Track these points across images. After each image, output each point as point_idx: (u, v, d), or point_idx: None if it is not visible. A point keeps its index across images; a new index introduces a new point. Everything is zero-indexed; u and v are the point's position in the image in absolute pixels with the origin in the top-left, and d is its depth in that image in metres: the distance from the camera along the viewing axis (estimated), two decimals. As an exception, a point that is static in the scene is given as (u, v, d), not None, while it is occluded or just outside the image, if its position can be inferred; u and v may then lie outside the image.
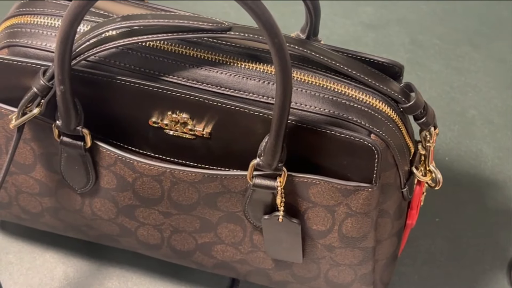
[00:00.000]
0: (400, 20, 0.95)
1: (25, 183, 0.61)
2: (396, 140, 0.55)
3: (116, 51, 0.55)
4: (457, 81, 0.88)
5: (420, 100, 0.56)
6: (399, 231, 0.61)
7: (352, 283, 0.61)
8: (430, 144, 0.57)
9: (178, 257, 0.63)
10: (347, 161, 0.54)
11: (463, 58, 0.91)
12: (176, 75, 0.55)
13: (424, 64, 0.90)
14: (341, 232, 0.57)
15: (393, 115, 0.55)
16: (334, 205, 0.55)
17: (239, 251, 0.61)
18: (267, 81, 0.54)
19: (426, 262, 0.71)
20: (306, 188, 0.55)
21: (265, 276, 0.63)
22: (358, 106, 0.54)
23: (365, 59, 0.57)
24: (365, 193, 0.54)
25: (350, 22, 0.95)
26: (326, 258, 0.59)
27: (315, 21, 0.59)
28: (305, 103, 0.54)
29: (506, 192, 0.77)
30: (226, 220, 0.59)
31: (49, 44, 0.56)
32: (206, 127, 0.55)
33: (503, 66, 0.90)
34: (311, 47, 0.54)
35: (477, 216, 0.75)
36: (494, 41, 0.93)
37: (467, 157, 0.80)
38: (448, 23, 0.96)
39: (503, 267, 0.71)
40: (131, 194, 0.59)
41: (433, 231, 0.73)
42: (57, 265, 0.68)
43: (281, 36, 0.47)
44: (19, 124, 0.55)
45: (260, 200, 0.56)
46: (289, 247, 0.58)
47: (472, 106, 0.86)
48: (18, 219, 0.66)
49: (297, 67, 0.55)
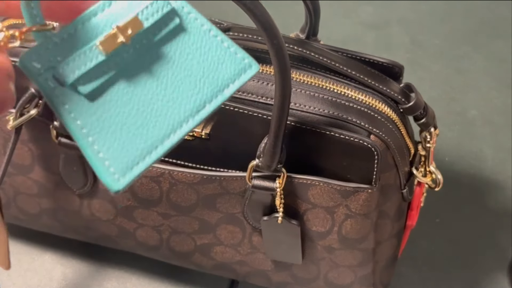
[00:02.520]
0: (400, 20, 0.95)
1: (23, 184, 0.61)
2: (396, 141, 0.55)
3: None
4: (457, 81, 0.88)
5: (420, 101, 0.56)
6: (399, 232, 0.61)
7: (352, 284, 0.61)
8: (430, 145, 0.57)
9: (177, 258, 0.63)
10: (346, 162, 0.54)
11: (463, 58, 0.91)
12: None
13: (424, 64, 0.90)
14: (341, 233, 0.57)
15: (393, 115, 0.55)
16: (333, 206, 0.55)
17: (238, 252, 0.61)
18: (266, 81, 0.54)
19: (426, 263, 0.71)
20: (305, 189, 0.55)
21: (264, 277, 0.63)
22: (357, 106, 0.54)
23: (364, 60, 0.57)
24: (365, 194, 0.54)
25: (350, 22, 0.95)
26: (325, 259, 0.59)
27: (314, 21, 0.59)
28: (304, 104, 0.54)
29: (507, 193, 0.77)
30: (225, 221, 0.58)
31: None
32: (204, 128, 0.55)
33: (504, 66, 0.90)
34: (310, 48, 0.54)
35: (477, 217, 0.75)
36: (494, 41, 0.93)
37: (467, 158, 0.80)
38: (449, 23, 0.96)
39: (503, 268, 0.70)
40: (129, 195, 0.58)
41: (433, 232, 0.73)
42: (55, 266, 0.68)
43: (280, 37, 0.46)
44: (17, 125, 0.55)
45: (259, 201, 0.55)
46: (289, 248, 0.58)
47: (472, 106, 0.86)
48: (16, 220, 0.66)
49: (296, 68, 0.55)
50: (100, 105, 0.33)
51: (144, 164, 0.33)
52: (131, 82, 0.34)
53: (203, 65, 0.35)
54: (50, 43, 0.32)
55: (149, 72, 0.34)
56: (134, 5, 0.34)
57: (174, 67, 0.35)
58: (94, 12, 0.33)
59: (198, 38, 0.35)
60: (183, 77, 0.35)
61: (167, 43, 0.35)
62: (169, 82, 0.34)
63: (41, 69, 0.32)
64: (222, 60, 0.35)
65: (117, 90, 0.34)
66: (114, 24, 0.33)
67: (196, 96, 0.35)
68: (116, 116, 0.33)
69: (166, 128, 0.34)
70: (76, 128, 0.33)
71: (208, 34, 0.35)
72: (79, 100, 0.33)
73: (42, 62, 0.32)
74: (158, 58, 0.34)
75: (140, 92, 0.34)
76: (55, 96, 0.32)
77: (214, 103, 0.35)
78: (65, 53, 0.32)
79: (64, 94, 0.32)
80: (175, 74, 0.35)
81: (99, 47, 0.32)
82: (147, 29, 0.34)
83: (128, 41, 0.33)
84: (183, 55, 0.35)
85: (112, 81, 0.33)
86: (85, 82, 0.33)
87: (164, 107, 0.34)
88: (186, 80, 0.35)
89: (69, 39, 0.32)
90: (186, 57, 0.35)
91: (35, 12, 0.32)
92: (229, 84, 0.35)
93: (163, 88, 0.34)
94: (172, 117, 0.34)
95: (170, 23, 0.35)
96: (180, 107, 0.34)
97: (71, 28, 0.33)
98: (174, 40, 0.35)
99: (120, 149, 0.33)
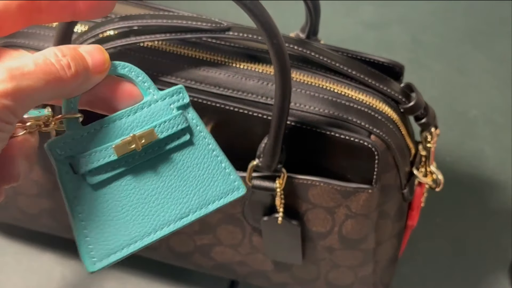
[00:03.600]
0: (401, 19, 0.95)
1: (23, 184, 0.61)
2: (396, 141, 0.55)
3: (114, 52, 0.54)
4: (458, 81, 0.88)
5: (421, 101, 0.55)
6: (400, 233, 0.61)
7: (352, 284, 0.61)
8: (431, 145, 0.57)
9: (177, 259, 0.63)
10: (346, 162, 0.53)
11: (465, 58, 0.91)
12: (174, 75, 0.54)
13: (425, 64, 0.90)
14: (341, 233, 0.57)
15: (393, 115, 0.55)
16: (334, 206, 0.55)
17: (238, 253, 0.60)
18: (266, 81, 0.54)
19: (427, 263, 0.71)
20: (305, 190, 0.54)
21: (264, 277, 0.63)
22: (358, 106, 0.54)
23: (365, 59, 0.56)
24: (365, 194, 0.54)
25: (350, 21, 0.94)
26: (326, 259, 0.59)
27: (315, 20, 0.59)
28: (304, 103, 0.53)
29: (508, 193, 0.77)
30: (225, 221, 0.58)
31: (46, 45, 0.55)
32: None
33: (505, 65, 0.90)
34: (310, 47, 0.54)
35: (478, 217, 0.75)
36: (495, 41, 0.93)
37: (468, 158, 0.80)
38: (449, 22, 0.95)
39: (504, 268, 0.70)
40: (129, 196, 0.58)
41: (434, 232, 0.73)
42: (54, 267, 0.68)
43: (280, 36, 0.46)
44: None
45: (259, 201, 0.55)
46: (289, 248, 0.58)
47: (474, 106, 0.85)
48: (15, 220, 0.66)
49: (297, 68, 0.55)
50: (101, 196, 0.37)
51: (121, 254, 0.37)
52: (133, 182, 0.38)
53: (199, 179, 0.39)
54: (76, 135, 0.36)
55: (151, 176, 0.38)
56: (156, 116, 0.38)
57: (173, 175, 0.39)
58: (121, 116, 0.37)
59: (202, 154, 0.39)
60: (178, 185, 0.39)
61: (173, 153, 0.39)
62: (165, 188, 0.38)
63: (62, 156, 0.36)
64: (216, 178, 0.39)
65: (119, 186, 0.37)
66: (133, 131, 0.37)
67: (184, 204, 0.39)
68: (111, 208, 0.37)
69: (149, 227, 0.38)
70: (75, 211, 0.36)
71: (211, 153, 0.39)
72: (85, 188, 0.37)
73: (64, 150, 0.36)
74: (162, 165, 0.38)
75: (137, 192, 0.38)
76: (66, 180, 0.36)
77: (197, 214, 0.39)
78: (85, 147, 0.37)
79: (74, 180, 0.36)
80: (172, 181, 0.39)
81: (113, 149, 0.37)
82: (160, 140, 0.38)
83: (140, 149, 0.37)
84: (184, 167, 0.39)
85: (117, 177, 0.37)
86: (94, 175, 0.37)
87: (153, 209, 0.38)
88: (180, 188, 0.39)
89: (92, 135, 0.37)
90: (186, 169, 0.39)
91: (73, 105, 0.36)
92: (215, 201, 0.39)
93: (158, 191, 0.38)
94: (158, 218, 0.38)
95: (182, 137, 0.39)
96: (167, 211, 0.38)
97: (97, 125, 0.37)
98: (180, 152, 0.39)
99: (105, 238, 0.37)
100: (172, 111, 0.38)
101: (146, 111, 0.38)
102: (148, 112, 0.38)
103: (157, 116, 0.38)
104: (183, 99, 0.39)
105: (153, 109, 0.38)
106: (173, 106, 0.39)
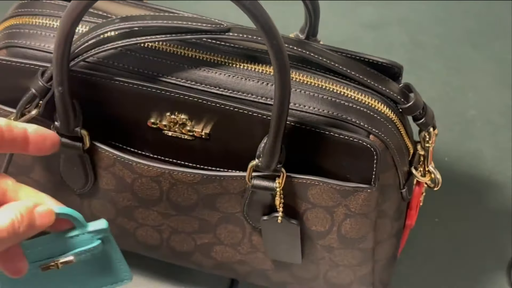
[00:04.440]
0: (399, 20, 0.95)
1: (24, 184, 0.61)
2: (395, 141, 0.55)
3: (114, 52, 0.55)
4: (456, 81, 0.88)
5: (419, 101, 0.56)
6: (399, 232, 0.61)
7: (352, 283, 0.61)
8: (429, 145, 0.57)
9: (177, 258, 0.63)
10: (346, 162, 0.54)
11: (463, 58, 0.91)
12: (174, 76, 0.55)
13: (424, 64, 0.90)
14: (340, 233, 0.57)
15: (392, 115, 0.55)
16: (333, 206, 0.55)
17: (238, 252, 0.61)
18: (266, 82, 0.54)
19: (426, 263, 0.71)
20: (305, 189, 0.55)
21: (264, 277, 0.63)
22: (357, 107, 0.54)
23: (364, 60, 0.57)
24: (364, 194, 0.54)
25: (349, 22, 0.95)
26: (325, 259, 0.59)
27: (314, 21, 0.59)
28: (304, 104, 0.54)
29: (506, 193, 0.77)
30: (225, 221, 0.59)
31: (48, 45, 0.56)
32: (204, 128, 0.55)
33: (503, 66, 0.90)
34: (310, 48, 0.54)
35: (476, 217, 0.75)
36: (494, 41, 0.93)
37: (466, 158, 0.80)
38: (448, 23, 0.96)
39: (503, 268, 0.70)
40: (130, 195, 0.59)
41: (433, 232, 0.73)
42: (56, 266, 0.68)
43: (279, 37, 0.47)
44: (17, 126, 0.55)
45: (259, 201, 0.56)
46: (288, 248, 0.58)
47: (472, 106, 0.86)
48: (17, 220, 0.66)
49: (296, 68, 0.55)
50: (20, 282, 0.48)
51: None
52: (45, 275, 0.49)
53: (92, 275, 0.51)
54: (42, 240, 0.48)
55: (57, 275, 0.49)
56: (82, 245, 0.49)
57: (73, 276, 0.50)
58: (63, 235, 0.48)
59: (100, 263, 0.51)
60: (77, 279, 0.51)
61: (81, 263, 0.49)
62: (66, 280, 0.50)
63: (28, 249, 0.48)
64: (108, 273, 0.52)
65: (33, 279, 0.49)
66: (58, 258, 0.48)
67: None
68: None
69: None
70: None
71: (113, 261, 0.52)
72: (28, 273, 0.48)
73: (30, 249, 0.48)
74: (71, 270, 0.49)
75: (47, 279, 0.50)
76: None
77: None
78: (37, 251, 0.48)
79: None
80: (72, 278, 0.50)
81: (39, 266, 0.48)
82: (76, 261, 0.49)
83: (59, 268, 0.48)
84: (84, 269, 0.50)
85: (35, 273, 0.49)
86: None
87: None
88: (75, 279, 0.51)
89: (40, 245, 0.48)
90: (86, 270, 0.50)
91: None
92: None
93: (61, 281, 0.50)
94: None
95: (92, 254, 0.49)
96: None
97: (51, 237, 0.48)
98: (86, 261, 0.49)
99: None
100: (92, 242, 0.49)
101: (74, 239, 0.48)
102: (75, 241, 0.48)
103: (83, 245, 0.48)
104: (105, 232, 0.49)
105: (80, 239, 0.48)
106: (94, 238, 0.48)
